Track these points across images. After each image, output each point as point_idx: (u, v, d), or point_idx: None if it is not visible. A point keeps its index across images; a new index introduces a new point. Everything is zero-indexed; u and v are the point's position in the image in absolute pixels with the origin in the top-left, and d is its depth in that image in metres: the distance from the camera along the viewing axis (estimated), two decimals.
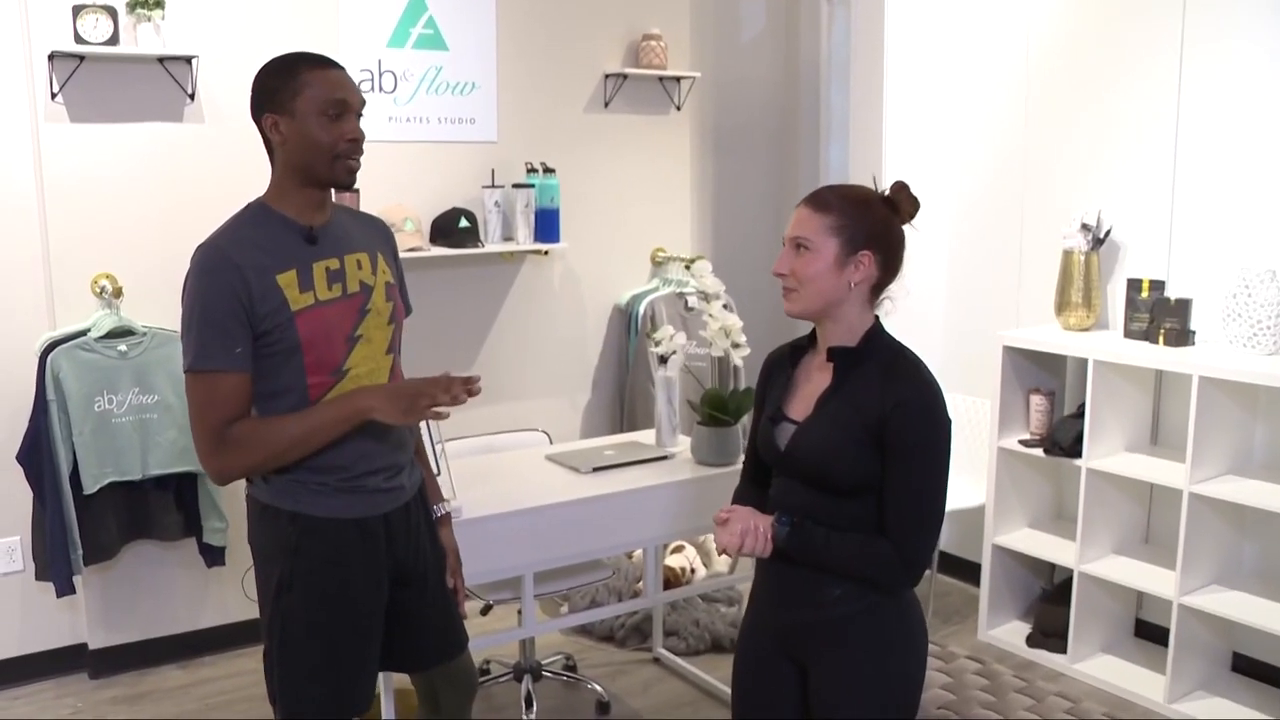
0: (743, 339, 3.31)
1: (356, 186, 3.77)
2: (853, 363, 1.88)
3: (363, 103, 2.09)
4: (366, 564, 2.15)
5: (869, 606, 1.88)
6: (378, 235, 2.26)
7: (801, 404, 1.93)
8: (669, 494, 3.13)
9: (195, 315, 1.99)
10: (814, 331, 1.97)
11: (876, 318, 1.93)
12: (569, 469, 3.20)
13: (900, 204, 1.89)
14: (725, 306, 3.32)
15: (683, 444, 3.42)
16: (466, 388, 2.00)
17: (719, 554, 1.67)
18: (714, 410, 3.21)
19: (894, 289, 1.93)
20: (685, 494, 3.14)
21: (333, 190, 2.15)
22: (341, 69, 2.08)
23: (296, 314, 2.02)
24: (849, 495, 1.86)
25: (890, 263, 1.89)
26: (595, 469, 3.18)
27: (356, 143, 2.06)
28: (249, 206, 2.14)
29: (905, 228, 1.91)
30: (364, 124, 2.10)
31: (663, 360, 3.35)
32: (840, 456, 1.84)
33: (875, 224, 1.86)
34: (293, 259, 2.05)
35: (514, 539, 2.84)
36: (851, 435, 1.83)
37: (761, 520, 1.88)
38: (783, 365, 2.01)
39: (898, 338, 1.93)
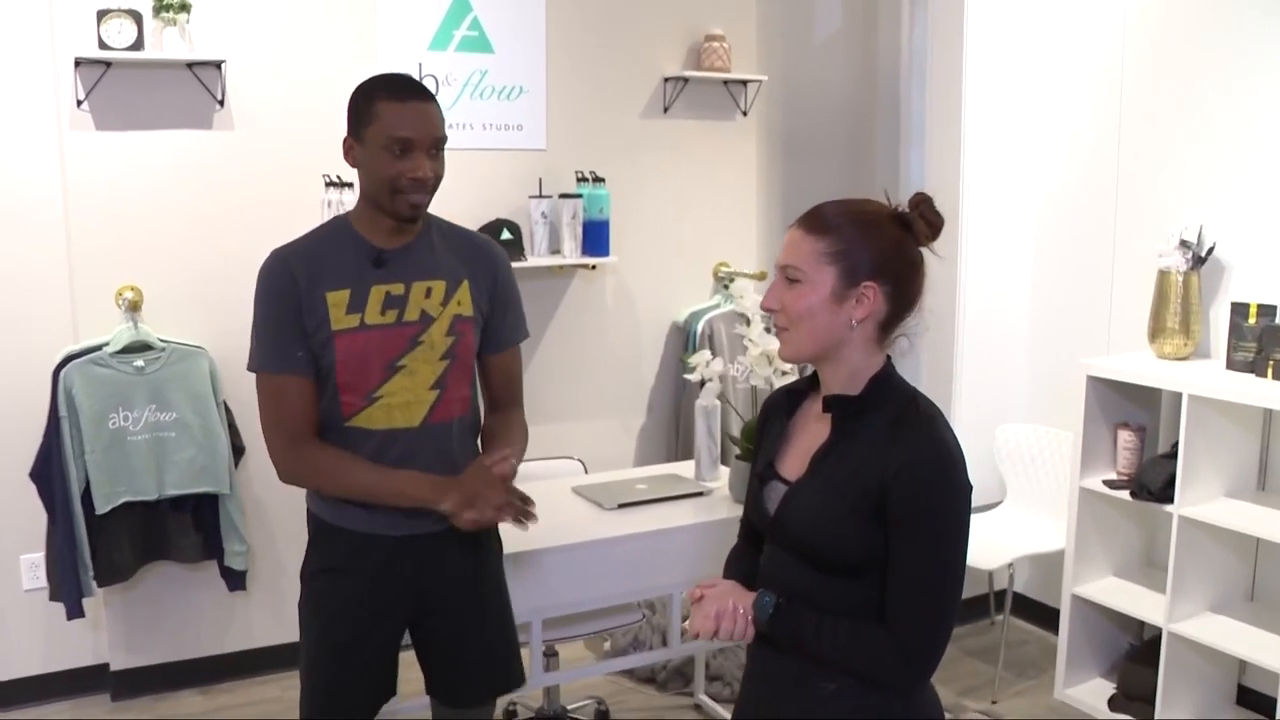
0: (788, 365, 3.02)
1: None
2: (853, 414, 1.58)
3: (437, 139, 2.05)
4: (370, 577, 2.15)
5: (870, 706, 1.56)
6: (474, 263, 2.19)
7: (796, 460, 1.63)
8: (699, 535, 2.86)
9: (258, 319, 2.08)
10: (816, 373, 1.68)
11: (888, 359, 1.63)
12: (594, 504, 2.97)
13: (914, 223, 1.57)
14: (768, 330, 3.04)
15: (724, 477, 3.15)
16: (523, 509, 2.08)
17: (692, 637, 1.45)
18: (752, 444, 2.93)
19: (911, 324, 1.62)
20: (717, 535, 2.84)
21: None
22: (422, 100, 2.04)
23: (336, 334, 2.04)
24: (847, 573, 1.55)
25: (902, 294, 1.57)
26: (621, 505, 2.93)
27: (420, 181, 2.02)
28: (333, 219, 2.19)
29: (925, 252, 1.61)
30: None
31: (702, 386, 3.10)
32: (834, 528, 1.54)
33: (882, 249, 1.55)
34: (350, 278, 2.06)
35: (520, 583, 2.60)
36: (849, 502, 1.53)
37: (742, 600, 1.60)
38: (779, 412, 1.71)
39: (970, 362, 1.61)
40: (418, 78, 3.72)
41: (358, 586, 2.16)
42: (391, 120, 2.00)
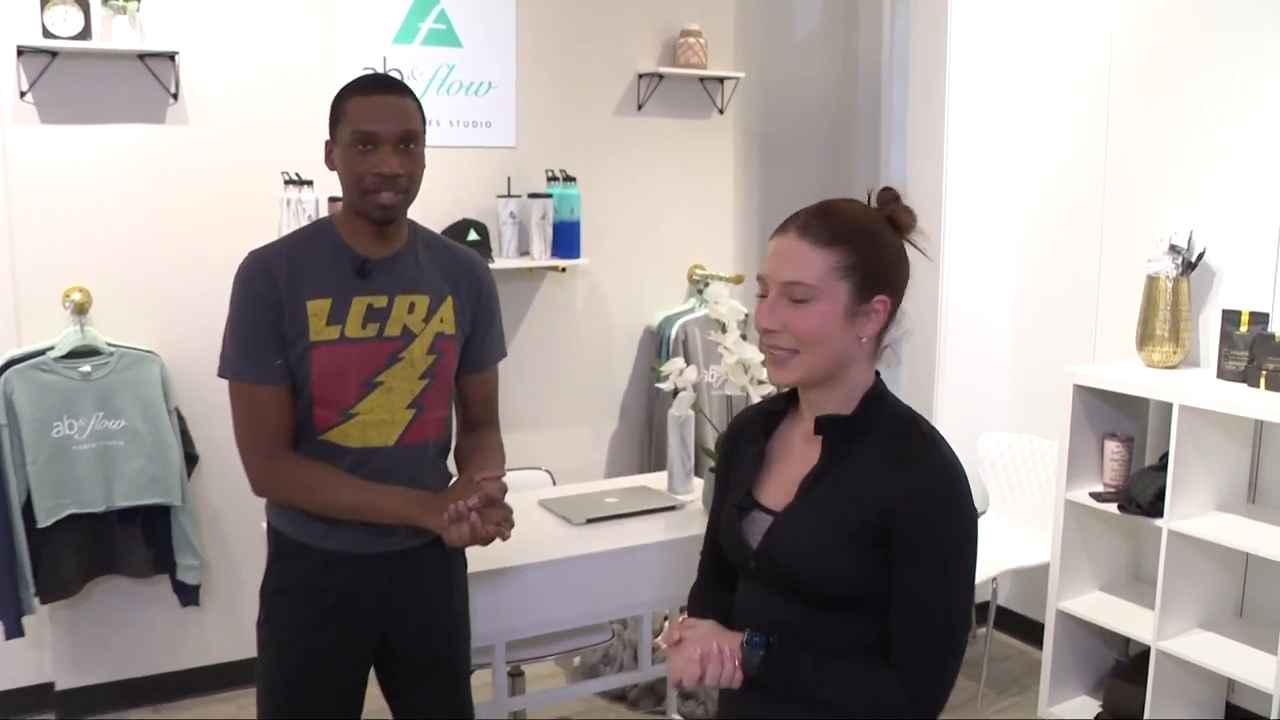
0: (764, 374, 2.90)
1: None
2: (847, 435, 1.45)
3: (405, 133, 1.94)
4: (336, 596, 2.04)
5: None
6: (459, 277, 2.10)
7: (779, 488, 1.50)
8: (671, 552, 2.73)
9: (234, 324, 1.97)
10: (793, 390, 1.54)
11: (877, 374, 1.51)
12: (561, 519, 2.83)
13: (904, 222, 1.46)
14: (744, 336, 2.92)
15: (697, 490, 3.03)
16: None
17: (674, 685, 1.35)
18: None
19: (895, 333, 1.50)
20: (690, 551, 2.65)
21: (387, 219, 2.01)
22: (390, 94, 1.96)
23: (314, 345, 1.95)
24: (842, 610, 1.42)
25: (899, 303, 1.47)
26: (589, 520, 2.80)
27: (385, 178, 1.92)
28: (317, 222, 2.12)
29: (913, 253, 1.49)
30: None
31: (675, 395, 2.97)
32: (829, 559, 1.41)
33: (889, 256, 1.44)
34: (333, 288, 1.97)
35: (482, 604, 2.46)
36: (845, 531, 1.40)
37: (728, 641, 1.45)
38: (752, 435, 1.57)
39: (953, 369, 1.50)
40: (381, 71, 3.62)
41: (322, 606, 2.04)
42: (357, 115, 1.92)
